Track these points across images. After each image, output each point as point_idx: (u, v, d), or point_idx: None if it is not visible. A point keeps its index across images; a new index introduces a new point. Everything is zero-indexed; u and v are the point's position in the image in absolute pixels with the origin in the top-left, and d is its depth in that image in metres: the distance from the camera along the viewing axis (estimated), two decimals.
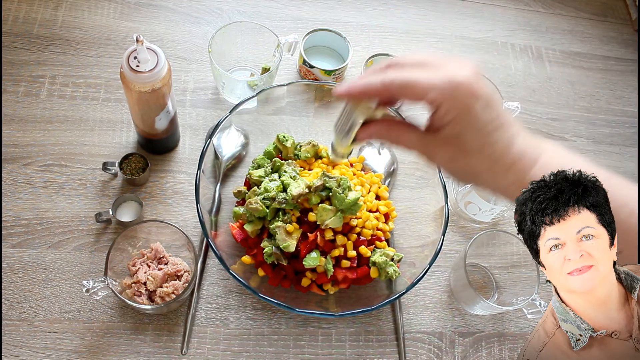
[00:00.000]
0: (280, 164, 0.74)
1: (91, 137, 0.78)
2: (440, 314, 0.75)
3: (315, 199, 0.68)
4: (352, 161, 0.79)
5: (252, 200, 0.69)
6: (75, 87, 0.81)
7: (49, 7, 0.87)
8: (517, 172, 0.40)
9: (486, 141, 0.40)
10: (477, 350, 0.74)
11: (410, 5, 1.03)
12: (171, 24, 0.90)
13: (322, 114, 0.82)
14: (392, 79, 0.41)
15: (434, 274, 0.77)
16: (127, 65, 0.61)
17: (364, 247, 0.69)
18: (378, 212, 0.73)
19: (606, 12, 1.12)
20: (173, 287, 0.67)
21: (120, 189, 0.76)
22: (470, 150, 0.40)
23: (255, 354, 0.69)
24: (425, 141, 0.43)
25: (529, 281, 0.73)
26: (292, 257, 0.69)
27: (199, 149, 0.80)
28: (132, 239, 0.69)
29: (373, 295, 0.71)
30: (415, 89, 0.40)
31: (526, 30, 1.05)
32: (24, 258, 0.69)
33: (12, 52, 0.82)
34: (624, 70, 1.05)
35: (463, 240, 0.81)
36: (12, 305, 0.66)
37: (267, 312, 0.72)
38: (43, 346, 0.65)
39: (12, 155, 0.75)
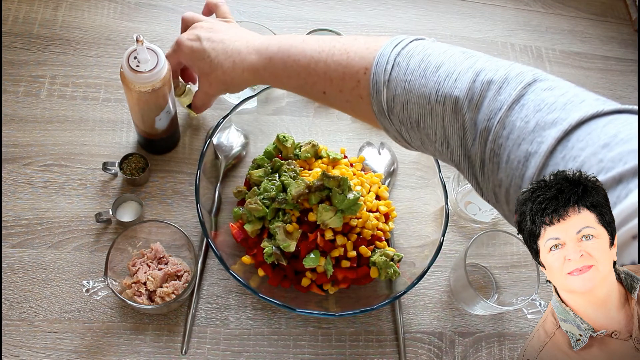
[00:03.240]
0: (280, 164, 0.74)
1: (91, 137, 0.78)
2: (440, 314, 0.75)
3: (315, 199, 0.68)
4: (352, 161, 0.79)
5: (252, 200, 0.69)
6: (75, 87, 0.81)
7: (49, 7, 0.87)
8: (239, 64, 0.62)
9: (211, 63, 0.63)
10: (477, 350, 0.74)
11: (410, 5, 1.03)
12: (171, 24, 0.90)
13: (322, 114, 0.82)
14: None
15: (434, 274, 0.78)
16: (127, 65, 0.61)
17: (364, 247, 0.69)
18: (378, 212, 0.73)
19: (606, 12, 1.12)
20: (173, 287, 0.67)
21: (120, 189, 0.76)
22: (208, 72, 0.64)
23: (255, 354, 0.69)
24: (199, 90, 0.70)
25: (529, 281, 0.73)
26: (292, 257, 0.69)
27: (199, 149, 0.80)
28: (132, 239, 0.69)
29: (373, 295, 0.71)
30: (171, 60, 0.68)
31: (526, 30, 1.05)
32: (24, 258, 0.69)
33: (12, 52, 0.82)
34: (624, 70, 1.05)
35: (463, 240, 0.81)
36: (12, 305, 0.67)
37: (267, 312, 0.72)
38: (43, 346, 0.65)
39: (12, 155, 0.75)
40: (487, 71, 0.45)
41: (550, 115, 0.41)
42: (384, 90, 0.50)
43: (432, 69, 0.47)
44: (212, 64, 0.63)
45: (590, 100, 0.42)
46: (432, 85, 0.47)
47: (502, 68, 0.45)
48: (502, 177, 0.44)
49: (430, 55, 0.48)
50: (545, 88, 0.43)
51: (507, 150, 0.43)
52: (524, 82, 0.44)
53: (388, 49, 0.51)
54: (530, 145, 0.41)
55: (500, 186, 0.44)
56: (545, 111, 0.42)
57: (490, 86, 0.44)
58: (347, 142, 0.82)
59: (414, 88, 0.48)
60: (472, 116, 0.45)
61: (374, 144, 0.82)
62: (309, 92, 0.59)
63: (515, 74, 0.45)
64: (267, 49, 0.60)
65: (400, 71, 0.49)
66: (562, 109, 0.41)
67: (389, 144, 0.82)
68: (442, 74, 0.47)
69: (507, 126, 0.43)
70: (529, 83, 0.44)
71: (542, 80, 0.44)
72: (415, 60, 0.49)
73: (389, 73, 0.49)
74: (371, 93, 0.51)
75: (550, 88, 0.43)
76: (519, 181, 0.42)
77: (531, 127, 0.42)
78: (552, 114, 0.41)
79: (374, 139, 0.82)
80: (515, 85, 0.44)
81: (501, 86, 0.44)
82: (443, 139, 0.48)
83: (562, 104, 0.41)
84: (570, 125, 0.40)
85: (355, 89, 0.53)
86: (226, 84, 0.64)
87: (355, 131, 0.82)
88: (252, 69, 0.61)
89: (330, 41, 0.56)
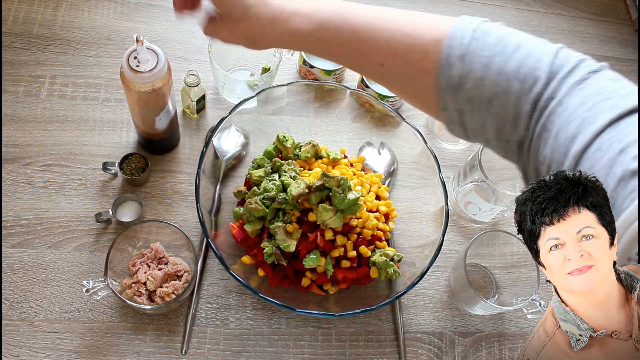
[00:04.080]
0: (280, 164, 0.74)
1: (91, 137, 0.78)
2: (440, 314, 0.75)
3: (315, 199, 0.68)
4: (352, 161, 0.79)
5: (252, 200, 0.69)
6: (75, 87, 0.81)
7: (49, 7, 0.87)
8: (280, 24, 0.52)
9: (246, 11, 0.52)
10: (477, 350, 0.74)
11: (411, 6, 1.03)
12: (171, 24, 0.90)
13: (322, 114, 0.82)
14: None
15: (434, 274, 0.77)
16: (127, 65, 0.61)
17: (364, 247, 0.69)
18: (378, 212, 0.73)
19: (606, 12, 1.12)
20: (173, 287, 0.67)
21: (120, 189, 0.76)
22: (237, 19, 0.53)
23: (255, 354, 0.69)
24: (215, 26, 0.56)
25: (529, 281, 0.73)
26: (292, 257, 0.69)
27: (199, 149, 0.80)
28: (132, 239, 0.69)
29: (373, 295, 0.71)
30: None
31: (526, 30, 1.04)
32: (24, 258, 0.69)
33: (12, 52, 0.82)
34: (624, 70, 1.05)
35: (463, 240, 0.81)
36: (12, 305, 0.67)
37: (267, 312, 0.72)
38: (43, 346, 0.65)
39: (12, 155, 0.75)
40: (564, 55, 0.45)
41: (608, 101, 0.41)
42: (459, 63, 0.47)
43: (513, 47, 0.46)
44: (247, 13, 0.52)
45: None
46: (515, 63, 0.45)
47: (576, 55, 0.45)
48: (547, 153, 0.43)
49: (507, 34, 0.47)
50: (609, 78, 0.43)
51: (557, 127, 0.43)
52: (590, 68, 0.44)
53: (463, 24, 0.50)
54: (581, 124, 0.41)
55: (544, 163, 0.44)
56: (605, 96, 0.42)
57: (563, 70, 0.44)
58: (347, 142, 0.82)
59: (494, 64, 0.46)
60: (545, 94, 0.44)
61: (374, 144, 0.82)
62: (361, 63, 0.53)
63: (587, 62, 0.45)
64: (318, 12, 0.52)
65: (478, 46, 0.47)
66: (620, 98, 0.41)
67: (389, 144, 0.82)
68: (523, 53, 0.46)
69: (563, 104, 0.43)
70: (595, 71, 0.44)
71: (607, 71, 0.44)
72: (492, 38, 0.47)
73: (467, 47, 0.47)
74: (441, 66, 0.48)
75: (615, 79, 0.43)
76: (562, 157, 0.42)
77: (587, 107, 0.41)
78: (610, 100, 0.41)
79: (374, 139, 0.82)
80: (583, 70, 0.44)
81: (571, 69, 0.44)
82: (512, 120, 0.46)
83: (623, 94, 0.41)
84: (625, 110, 0.40)
85: (422, 61, 0.49)
86: (255, 40, 0.55)
87: (355, 131, 0.82)
88: (296, 33, 0.53)
89: (394, 11, 0.52)
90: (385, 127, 0.81)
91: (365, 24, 0.51)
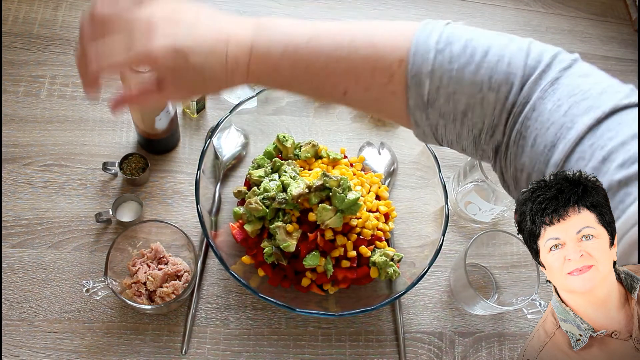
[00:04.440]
0: (280, 164, 0.74)
1: (91, 137, 0.78)
2: (440, 314, 0.75)
3: (315, 199, 0.68)
4: (352, 161, 0.79)
5: (252, 200, 0.69)
6: (75, 87, 0.81)
7: (49, 7, 0.87)
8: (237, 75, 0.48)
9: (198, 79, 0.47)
10: (477, 350, 0.74)
11: (411, 5, 1.03)
12: None
13: (322, 114, 0.82)
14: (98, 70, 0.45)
15: (434, 274, 0.77)
16: None
17: (364, 247, 0.69)
18: (378, 212, 0.73)
19: (606, 12, 1.12)
20: (173, 287, 0.67)
21: (120, 189, 0.76)
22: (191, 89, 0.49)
23: (255, 354, 0.69)
24: (161, 96, 0.49)
25: (529, 281, 0.73)
26: (292, 257, 0.69)
27: (199, 149, 0.80)
28: (132, 239, 0.69)
29: (373, 295, 0.71)
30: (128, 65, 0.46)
31: (526, 30, 1.05)
32: (24, 258, 0.69)
33: (12, 52, 0.82)
34: (624, 70, 1.05)
35: (463, 240, 0.81)
36: (12, 305, 0.66)
37: (267, 312, 0.72)
38: (43, 346, 0.65)
39: (12, 155, 0.75)
40: (536, 53, 0.43)
41: (583, 103, 0.40)
42: (427, 81, 0.44)
43: (481, 53, 0.43)
44: (195, 69, 0.47)
45: (625, 91, 0.41)
46: (484, 72, 0.43)
47: (547, 50, 0.43)
48: (525, 162, 0.42)
49: (473, 40, 0.44)
50: (580, 74, 0.42)
51: (534, 134, 0.41)
52: (562, 65, 0.42)
53: (424, 35, 0.45)
54: (559, 131, 0.40)
55: (523, 171, 0.43)
56: (579, 97, 0.40)
57: (536, 70, 0.42)
58: (347, 142, 0.82)
59: (463, 76, 0.43)
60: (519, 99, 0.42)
61: (374, 144, 0.82)
62: (324, 94, 0.50)
63: (559, 57, 0.43)
64: (269, 53, 0.48)
65: (444, 59, 0.43)
66: (596, 97, 0.40)
67: (389, 144, 0.82)
68: (491, 58, 0.43)
69: (538, 108, 0.41)
70: (566, 67, 0.42)
71: (578, 66, 0.43)
72: (458, 46, 0.44)
73: (432, 62, 0.44)
74: (409, 87, 0.45)
75: (586, 75, 0.42)
76: (542, 167, 0.41)
77: (562, 112, 0.40)
78: (586, 102, 0.40)
79: (374, 139, 0.82)
80: (555, 68, 0.42)
81: (544, 69, 0.42)
82: (489, 128, 0.44)
83: (597, 92, 0.40)
84: (603, 113, 0.38)
85: (388, 84, 0.46)
86: (205, 89, 0.51)
87: (355, 131, 0.82)
88: (253, 77, 0.49)
89: (348, 32, 0.47)
90: (385, 127, 0.81)
91: (320, 57, 0.47)
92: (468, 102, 0.44)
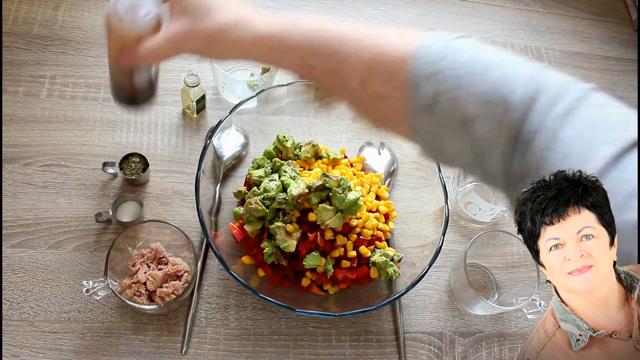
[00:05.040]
0: (280, 164, 0.74)
1: (91, 137, 0.78)
2: (440, 314, 0.75)
3: (315, 199, 0.68)
4: (352, 161, 0.79)
5: (252, 201, 0.69)
6: (75, 87, 0.81)
7: (49, 7, 0.87)
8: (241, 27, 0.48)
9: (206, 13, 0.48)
10: (477, 350, 0.74)
11: (410, 5, 1.03)
12: None
13: (322, 114, 0.82)
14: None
15: (434, 274, 0.77)
16: None
17: (364, 247, 0.69)
18: (378, 212, 0.73)
19: (606, 12, 1.12)
20: (173, 287, 0.67)
21: (120, 189, 0.76)
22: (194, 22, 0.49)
23: (255, 354, 0.69)
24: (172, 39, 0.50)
25: (529, 281, 0.73)
26: (292, 257, 0.69)
27: (199, 149, 0.80)
28: (132, 239, 0.69)
29: (373, 295, 0.71)
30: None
31: (526, 30, 1.05)
32: (24, 258, 0.69)
33: (12, 52, 0.82)
34: (624, 70, 1.05)
35: (463, 240, 0.81)
36: (12, 305, 0.67)
37: (267, 312, 0.72)
38: (43, 346, 0.65)
39: (12, 155, 0.75)
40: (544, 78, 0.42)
41: (604, 134, 0.39)
42: (426, 84, 0.43)
43: (485, 66, 0.42)
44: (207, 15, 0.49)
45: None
46: (489, 85, 0.42)
47: (558, 78, 0.43)
48: None
49: (481, 53, 0.43)
50: (598, 105, 0.41)
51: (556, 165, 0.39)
52: (576, 95, 0.41)
53: (431, 40, 0.44)
54: (581, 163, 0.38)
55: None
56: (600, 128, 0.39)
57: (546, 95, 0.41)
58: (347, 142, 0.82)
59: (465, 84, 0.42)
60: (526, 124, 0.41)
61: (374, 144, 0.82)
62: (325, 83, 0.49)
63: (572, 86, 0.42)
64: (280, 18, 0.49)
65: (447, 65, 0.43)
66: (617, 129, 0.39)
67: (389, 144, 0.82)
68: (498, 73, 0.42)
69: (557, 139, 0.40)
70: (581, 97, 0.41)
71: (596, 95, 0.42)
72: (464, 55, 0.43)
73: (435, 65, 0.43)
74: (409, 86, 0.44)
75: (604, 105, 0.41)
76: None
77: (583, 143, 0.39)
78: (607, 133, 0.39)
79: (374, 139, 0.82)
80: (570, 97, 0.41)
81: (555, 97, 0.41)
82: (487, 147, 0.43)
83: (617, 122, 0.39)
84: (626, 144, 0.37)
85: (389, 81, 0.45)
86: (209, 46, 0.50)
87: (355, 131, 0.82)
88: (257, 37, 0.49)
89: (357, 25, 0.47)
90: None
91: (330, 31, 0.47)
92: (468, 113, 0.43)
